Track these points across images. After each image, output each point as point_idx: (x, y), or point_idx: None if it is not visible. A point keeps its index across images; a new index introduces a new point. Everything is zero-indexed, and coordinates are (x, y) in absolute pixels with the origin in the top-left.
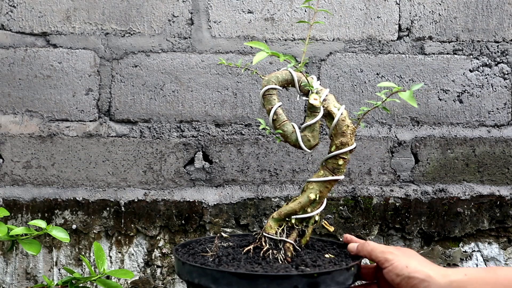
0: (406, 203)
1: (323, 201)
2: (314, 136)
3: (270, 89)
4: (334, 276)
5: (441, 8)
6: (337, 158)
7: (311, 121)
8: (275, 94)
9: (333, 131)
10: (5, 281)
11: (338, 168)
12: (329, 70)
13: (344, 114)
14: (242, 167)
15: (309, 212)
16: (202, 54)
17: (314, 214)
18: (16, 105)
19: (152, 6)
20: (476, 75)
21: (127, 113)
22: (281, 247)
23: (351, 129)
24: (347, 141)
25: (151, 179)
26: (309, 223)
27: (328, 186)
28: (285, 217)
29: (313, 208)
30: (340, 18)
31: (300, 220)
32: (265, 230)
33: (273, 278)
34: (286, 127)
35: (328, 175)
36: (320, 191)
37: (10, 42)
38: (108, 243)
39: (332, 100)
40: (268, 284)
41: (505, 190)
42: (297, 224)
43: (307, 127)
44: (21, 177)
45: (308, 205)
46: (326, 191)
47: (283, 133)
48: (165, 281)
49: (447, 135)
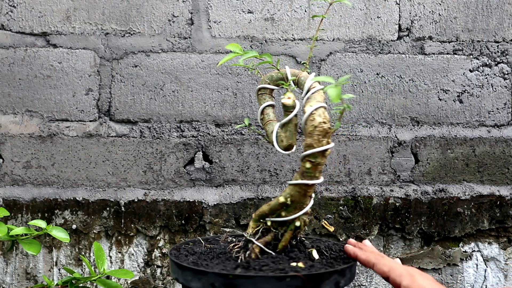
0: (406, 203)
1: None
2: (287, 136)
3: (262, 88)
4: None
5: (441, 8)
6: (304, 161)
7: (284, 120)
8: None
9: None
10: (5, 281)
11: (306, 172)
12: (329, 70)
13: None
14: (242, 167)
15: (283, 216)
16: (202, 54)
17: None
18: (16, 105)
19: (152, 6)
20: (476, 75)
21: (127, 113)
22: (249, 247)
23: (320, 130)
24: (313, 142)
25: (151, 179)
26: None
27: (300, 191)
28: (259, 218)
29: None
30: (340, 18)
31: (279, 224)
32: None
33: (196, 272)
34: (269, 126)
35: (298, 179)
36: (291, 194)
37: (10, 42)
38: (108, 243)
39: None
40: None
41: (505, 190)
42: (275, 227)
43: (282, 126)
44: (21, 177)
45: (279, 209)
46: (298, 196)
47: (266, 132)
48: (165, 281)
49: (447, 135)
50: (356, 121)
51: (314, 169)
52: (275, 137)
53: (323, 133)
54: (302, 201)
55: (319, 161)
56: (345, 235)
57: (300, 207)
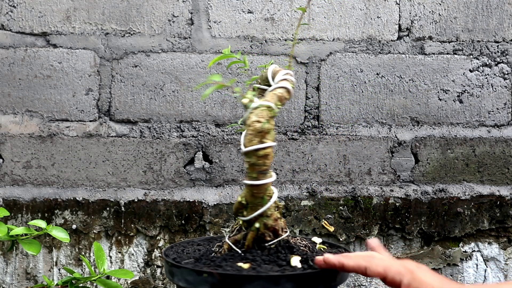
0: (406, 203)
1: (257, 207)
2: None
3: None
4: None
5: (441, 8)
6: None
7: (240, 120)
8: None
9: None
10: (5, 281)
11: (247, 172)
12: (329, 70)
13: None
14: (242, 167)
15: (245, 215)
16: (202, 54)
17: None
18: (16, 105)
19: (152, 6)
20: (476, 75)
21: (127, 113)
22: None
23: (251, 129)
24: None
25: (151, 179)
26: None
27: (248, 191)
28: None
29: (247, 213)
30: (340, 18)
31: (246, 223)
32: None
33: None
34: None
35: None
36: (245, 194)
37: (10, 42)
38: (108, 243)
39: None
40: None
41: (505, 190)
42: (245, 226)
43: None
44: (21, 177)
45: (241, 208)
46: (248, 196)
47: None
48: (165, 281)
49: (447, 135)
50: (356, 121)
51: (251, 170)
52: (243, 137)
53: (255, 132)
54: (255, 202)
55: (253, 161)
56: (345, 235)
57: (255, 208)
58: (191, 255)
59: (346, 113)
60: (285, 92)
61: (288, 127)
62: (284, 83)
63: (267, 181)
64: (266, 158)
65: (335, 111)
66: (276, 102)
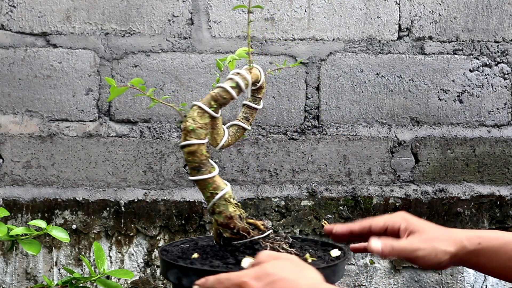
0: (406, 203)
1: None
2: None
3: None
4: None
5: (441, 8)
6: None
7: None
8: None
9: None
10: (5, 281)
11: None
12: (329, 70)
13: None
14: (242, 167)
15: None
16: (202, 54)
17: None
18: (16, 105)
19: (152, 6)
20: (476, 75)
21: (127, 113)
22: None
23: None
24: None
25: (151, 179)
26: None
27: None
28: None
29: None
30: (340, 18)
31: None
32: None
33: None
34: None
35: None
36: None
37: (10, 42)
38: (108, 243)
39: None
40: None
41: (505, 190)
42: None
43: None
44: (21, 177)
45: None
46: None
47: None
48: (165, 281)
49: (447, 135)
50: (356, 121)
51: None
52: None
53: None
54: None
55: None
56: None
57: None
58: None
59: (346, 113)
60: (222, 92)
61: (288, 127)
62: (225, 83)
63: (199, 178)
64: (194, 155)
65: (335, 111)
66: (210, 102)
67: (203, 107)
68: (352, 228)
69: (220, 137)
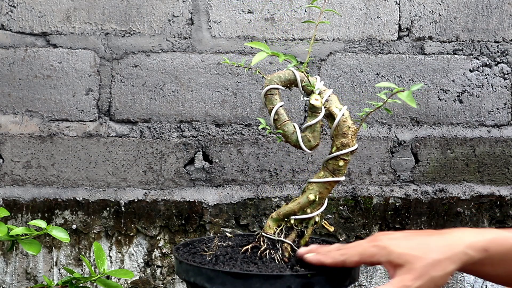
0: (406, 203)
1: (324, 202)
2: (315, 136)
3: (271, 89)
4: (329, 277)
5: (441, 8)
6: (337, 159)
7: (312, 122)
8: (277, 94)
9: (334, 132)
10: (5, 281)
11: (338, 169)
12: (329, 70)
13: (345, 115)
14: (242, 167)
15: (308, 213)
16: (202, 54)
17: (313, 215)
18: (16, 105)
19: (152, 6)
20: (476, 75)
21: (127, 113)
22: (278, 247)
23: (352, 130)
24: (348, 142)
25: (151, 179)
26: (309, 224)
27: (328, 187)
28: (284, 217)
29: (312, 209)
30: (340, 18)
31: (300, 221)
32: (264, 230)
33: (267, 278)
34: (287, 127)
35: (329, 176)
36: (320, 192)
37: (10, 42)
38: (108, 243)
39: (334, 100)
40: (261, 284)
41: (505, 190)
42: (296, 225)
43: (308, 127)
44: (21, 177)
45: (307, 206)
46: (326, 192)
47: (284, 133)
48: (165, 281)
49: (447, 135)
50: (356, 121)
51: (345, 167)
52: (300, 137)
53: (355, 133)
54: (325, 197)
55: (349, 159)
56: (345, 235)
57: (322, 203)
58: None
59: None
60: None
61: None
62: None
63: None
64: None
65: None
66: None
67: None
68: (323, 262)
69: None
